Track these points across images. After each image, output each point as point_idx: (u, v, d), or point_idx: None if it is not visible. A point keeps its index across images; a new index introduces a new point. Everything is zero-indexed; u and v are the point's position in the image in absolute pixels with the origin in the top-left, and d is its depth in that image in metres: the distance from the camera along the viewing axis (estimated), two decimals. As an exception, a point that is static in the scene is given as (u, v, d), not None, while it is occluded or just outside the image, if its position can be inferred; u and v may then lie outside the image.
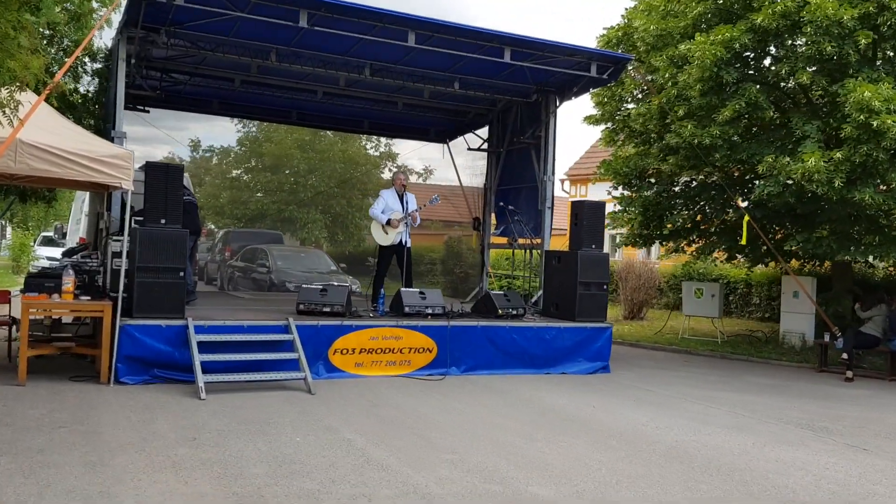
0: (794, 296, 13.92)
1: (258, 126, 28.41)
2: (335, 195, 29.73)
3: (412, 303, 10.24)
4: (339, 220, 30.12)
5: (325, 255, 19.22)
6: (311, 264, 17.87)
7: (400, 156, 31.55)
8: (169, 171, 8.76)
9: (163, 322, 8.58)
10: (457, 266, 22.27)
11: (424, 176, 31.09)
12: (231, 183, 30.17)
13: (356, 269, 21.87)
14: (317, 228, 28.63)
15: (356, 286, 17.11)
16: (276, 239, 24.13)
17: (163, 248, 8.62)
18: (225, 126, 52.62)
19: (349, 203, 30.14)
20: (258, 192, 29.03)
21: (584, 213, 11.00)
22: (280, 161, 28.13)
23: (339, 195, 29.84)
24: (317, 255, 19.01)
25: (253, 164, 29.65)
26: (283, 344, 9.06)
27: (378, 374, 9.65)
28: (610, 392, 9.42)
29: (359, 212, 30.28)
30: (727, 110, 11.19)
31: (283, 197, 28.65)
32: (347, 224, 30.44)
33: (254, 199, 28.43)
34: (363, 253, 29.78)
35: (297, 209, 28.71)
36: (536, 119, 12.84)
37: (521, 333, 10.51)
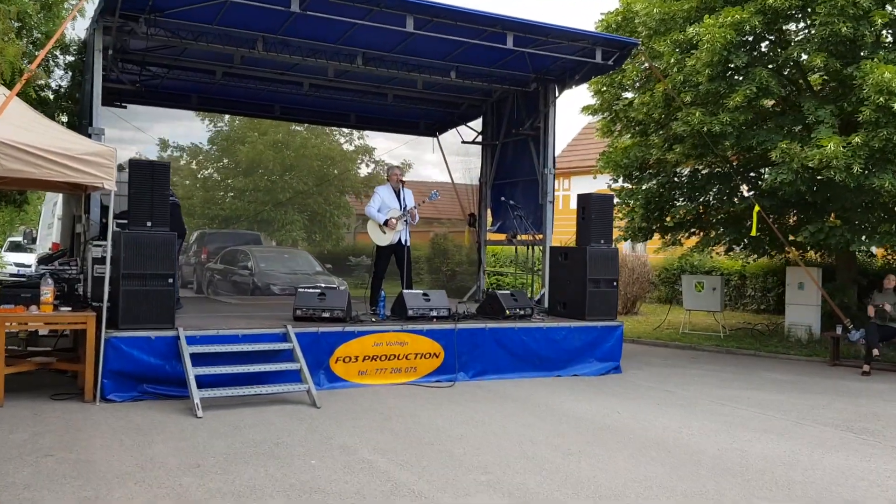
0: (799, 287, 13.53)
1: (230, 125, 27.55)
2: (312, 194, 28.98)
3: (416, 305, 9.65)
4: (316, 218, 29.36)
5: (309, 255, 18.51)
6: (296, 266, 17.16)
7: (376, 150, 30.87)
8: (154, 170, 8.07)
9: (152, 333, 7.91)
10: (444, 264, 21.67)
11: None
12: (203, 183, 29.27)
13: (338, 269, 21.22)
14: (295, 229, 27.85)
15: (344, 287, 16.46)
16: (255, 240, 23.35)
17: (150, 253, 7.94)
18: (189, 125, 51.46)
19: (326, 201, 29.38)
20: (232, 193, 28.16)
21: (591, 206, 10.47)
22: (254, 163, 27.29)
23: (315, 193, 29.09)
24: (301, 255, 18.30)
25: (225, 162, 28.74)
26: (282, 353, 8.43)
27: (383, 382, 9.05)
28: (629, 395, 8.91)
29: (336, 209, 29.58)
30: (738, 95, 10.74)
31: (259, 197, 27.84)
32: (325, 223, 29.67)
33: (228, 200, 27.57)
34: (343, 252, 29.13)
35: (273, 210, 27.91)
36: (534, 109, 12.29)
37: (531, 335, 9.96)
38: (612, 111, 13.72)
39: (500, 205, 13.52)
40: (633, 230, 14.08)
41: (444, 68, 11.26)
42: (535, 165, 12.24)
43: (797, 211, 12.33)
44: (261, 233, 26.13)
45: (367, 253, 29.04)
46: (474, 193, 14.14)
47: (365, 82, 12.28)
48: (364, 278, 25.95)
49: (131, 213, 7.99)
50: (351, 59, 10.72)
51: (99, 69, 9.08)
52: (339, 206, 29.60)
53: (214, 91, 12.80)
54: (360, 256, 27.80)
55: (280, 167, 27.44)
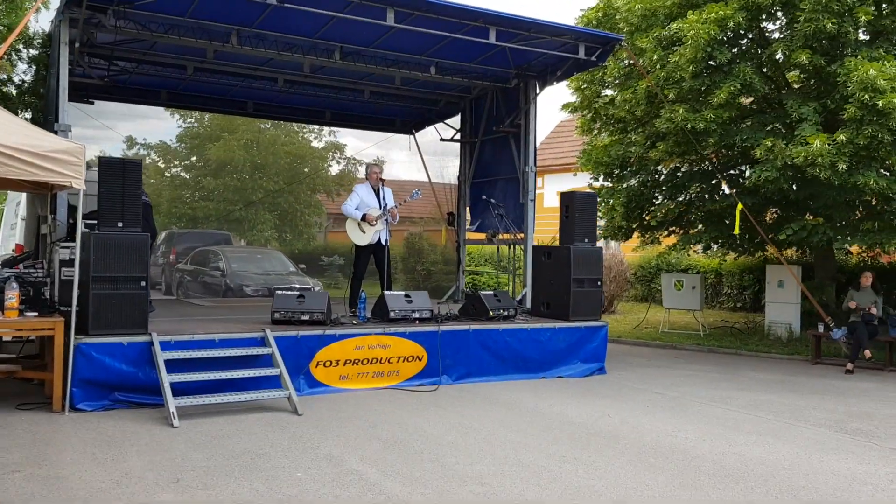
0: (778, 285, 13.48)
1: (199, 123, 26.99)
2: (283, 192, 28.51)
3: (398, 307, 9.38)
4: (287, 218, 28.88)
5: (282, 255, 18.13)
6: (269, 266, 16.80)
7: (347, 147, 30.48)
8: (126, 168, 7.70)
9: (124, 339, 7.56)
10: (418, 264, 21.39)
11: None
12: (171, 182, 28.66)
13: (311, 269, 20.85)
14: (266, 229, 27.35)
15: (319, 288, 16.14)
16: (225, 240, 22.91)
17: (121, 255, 7.58)
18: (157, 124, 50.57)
19: (297, 200, 28.93)
20: (201, 192, 27.58)
21: (575, 204, 10.27)
22: (224, 161, 26.75)
23: (286, 192, 28.63)
24: (274, 255, 17.91)
25: (194, 161, 28.15)
26: (261, 358, 8.11)
27: (365, 386, 8.77)
28: (618, 397, 8.73)
29: (307, 208, 29.14)
30: (722, 92, 10.61)
31: (229, 196, 27.30)
32: (296, 222, 29.22)
33: (197, 200, 26.99)
34: (314, 252, 28.73)
35: (243, 209, 27.40)
36: (514, 106, 12.07)
37: (515, 336, 9.74)
38: (591, 109, 13.54)
39: (479, 203, 13.31)
40: (612, 229, 13.93)
41: (423, 64, 10.99)
42: (516, 163, 12.02)
43: (778, 209, 12.24)
44: (231, 233, 25.66)
45: (339, 252, 28.73)
46: (452, 192, 13.90)
47: (341, 78, 11.97)
48: (337, 278, 25.72)
49: (101, 214, 7.62)
50: (329, 53, 10.42)
51: (65, 63, 8.68)
52: (310, 205, 29.17)
53: (185, 87, 12.42)
54: (333, 256, 27.46)
55: (250, 166, 26.94)
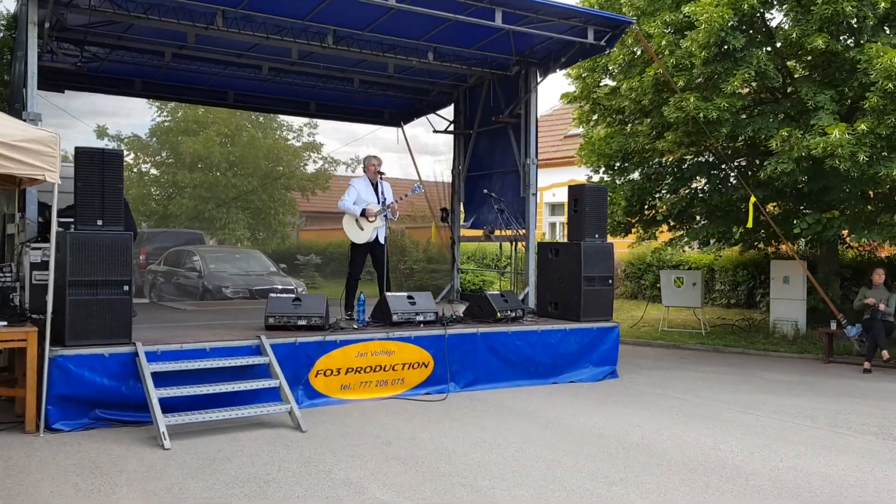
0: (784, 281, 13.02)
1: (172, 117, 25.97)
2: (256, 190, 27.61)
3: (401, 309, 8.70)
4: (260, 216, 27.99)
5: (262, 254, 17.32)
6: (248, 266, 15.98)
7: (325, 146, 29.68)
8: (106, 159, 6.92)
9: (105, 350, 6.80)
10: (401, 262, 20.67)
11: (353, 167, 29.22)
12: (140, 178, 27.60)
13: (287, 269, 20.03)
14: (239, 228, 26.43)
15: (301, 288, 15.39)
16: (198, 239, 21.99)
17: (101, 257, 6.82)
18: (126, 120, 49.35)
19: (271, 198, 28.04)
20: (171, 189, 26.58)
21: (585, 198, 9.67)
22: (198, 157, 25.80)
23: (260, 190, 27.74)
24: (253, 255, 17.08)
25: (165, 156, 27.12)
26: (257, 369, 7.39)
27: (368, 396, 8.09)
28: (640, 404, 8.14)
29: (282, 207, 28.27)
30: (736, 79, 10.08)
31: (201, 193, 26.34)
32: (270, 221, 28.34)
33: (168, 197, 25.99)
34: (289, 251, 27.90)
35: (215, 207, 26.45)
36: (513, 96, 11.45)
37: (525, 339, 9.12)
38: (590, 99, 12.95)
39: (474, 198, 12.69)
40: (612, 225, 13.34)
41: (421, 49, 10.32)
42: (516, 155, 11.41)
43: (791, 202, 11.76)
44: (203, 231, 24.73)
45: (314, 251, 27.95)
46: (445, 189, 13.23)
47: (330, 65, 11.25)
48: (314, 278, 24.93)
49: (79, 210, 6.84)
50: (321, 37, 9.69)
51: (34, 45, 7.88)
52: (284, 204, 28.30)
53: (162, 75, 11.62)
54: (309, 255, 26.67)
55: (225, 163, 26.01)
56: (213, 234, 26.84)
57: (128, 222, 8.53)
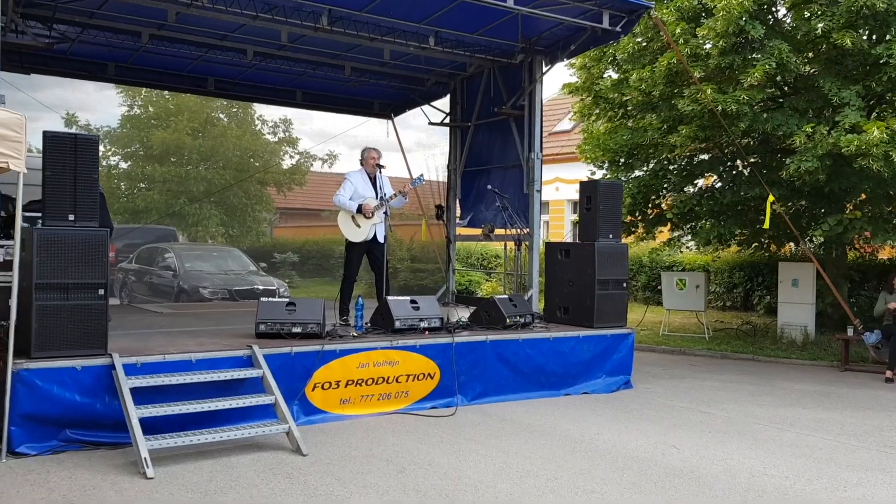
0: (793, 284, 12.45)
1: (143, 108, 24.89)
2: (231, 186, 26.62)
3: (403, 315, 7.96)
4: (235, 213, 27.01)
5: (240, 252, 16.44)
6: (226, 265, 15.12)
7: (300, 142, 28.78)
8: (79, 145, 6.08)
9: (77, 362, 5.98)
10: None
11: (330, 162, 28.35)
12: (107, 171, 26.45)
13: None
14: (212, 224, 25.43)
15: (284, 289, 14.58)
16: (170, 235, 21.06)
17: (74, 257, 6.00)
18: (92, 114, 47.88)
19: (246, 194, 27.07)
20: (141, 183, 25.49)
21: (599, 195, 8.99)
22: (169, 150, 24.78)
23: (235, 185, 26.75)
24: (231, 253, 16.21)
25: (134, 148, 25.99)
26: (248, 383, 6.61)
27: (370, 411, 7.34)
28: (664, 419, 7.47)
29: (258, 203, 27.33)
30: (756, 71, 9.46)
31: (172, 188, 25.29)
32: (245, 217, 27.36)
33: (138, 191, 24.92)
34: (263, 248, 26.95)
35: (187, 203, 25.42)
36: (515, 86, 10.75)
37: (536, 347, 8.42)
38: (591, 91, 12.28)
39: (470, 195, 11.98)
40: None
41: (422, 34, 9.56)
42: (519, 150, 10.69)
43: (807, 201, 11.18)
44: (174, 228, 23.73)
45: (291, 249, 27.05)
46: (440, 186, 12.49)
47: (321, 49, 10.45)
48: (291, 277, 24.04)
49: (47, 203, 6.01)
50: (315, 17, 8.89)
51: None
52: (260, 200, 27.36)
53: (137, 59, 10.74)
54: (286, 253, 25.78)
55: (197, 155, 25.02)
56: (184, 231, 25.84)
57: (103, 217, 7.74)
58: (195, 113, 25.29)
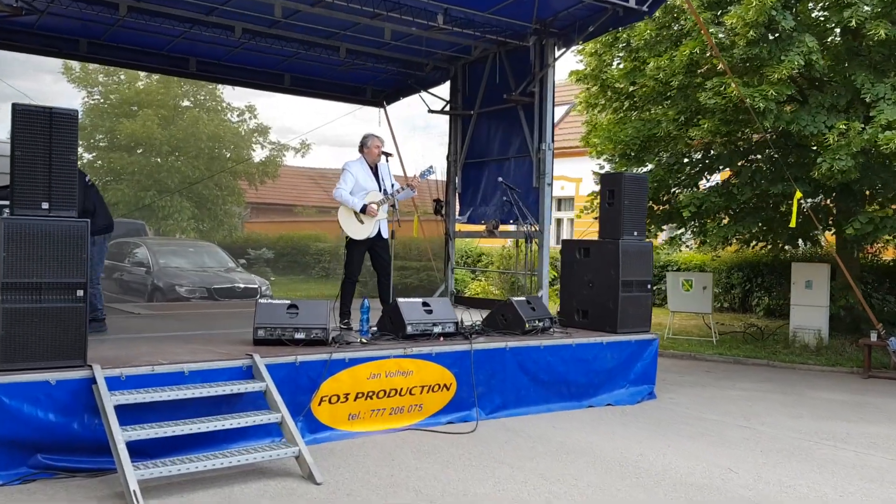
0: (806, 286, 11.88)
1: (103, 97, 23.67)
2: (202, 178, 25.54)
3: (415, 319, 7.17)
4: (206, 206, 25.94)
5: (218, 248, 15.51)
6: (203, 261, 14.19)
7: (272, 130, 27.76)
8: (54, 121, 5.20)
9: (51, 376, 5.11)
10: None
11: (303, 151, 27.33)
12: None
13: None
14: (183, 218, 24.33)
15: (266, 287, 13.69)
16: (139, 230, 19.93)
17: (48, 252, 5.13)
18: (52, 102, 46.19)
19: (218, 186, 26.00)
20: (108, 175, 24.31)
21: (624, 188, 8.27)
22: (137, 140, 23.62)
23: (206, 177, 25.67)
24: (208, 248, 15.27)
25: (97, 139, 24.78)
26: (248, 397, 5.78)
27: (381, 427, 6.56)
28: (707, 436, 6.79)
29: (230, 196, 26.29)
30: (783, 67, 8.83)
31: (140, 180, 24.15)
32: (216, 211, 26.30)
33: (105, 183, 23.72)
34: (236, 243, 25.93)
35: (157, 195, 24.30)
36: (524, 72, 10.01)
37: (558, 354, 7.69)
38: (599, 80, 11.58)
39: (469, 188, 11.22)
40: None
41: (430, 11, 8.74)
42: (528, 140, 9.97)
43: (835, 200, 10.58)
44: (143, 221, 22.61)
45: (265, 244, 26.07)
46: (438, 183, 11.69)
47: (316, 27, 9.61)
48: (266, 273, 23.05)
49: (17, 190, 5.12)
50: (313, -10, 8.06)
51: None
52: (232, 192, 26.32)
53: (112, 35, 9.82)
54: (261, 249, 24.83)
55: (167, 146, 23.91)
56: (154, 225, 24.71)
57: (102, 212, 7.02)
58: (163, 101, 24.22)
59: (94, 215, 6.72)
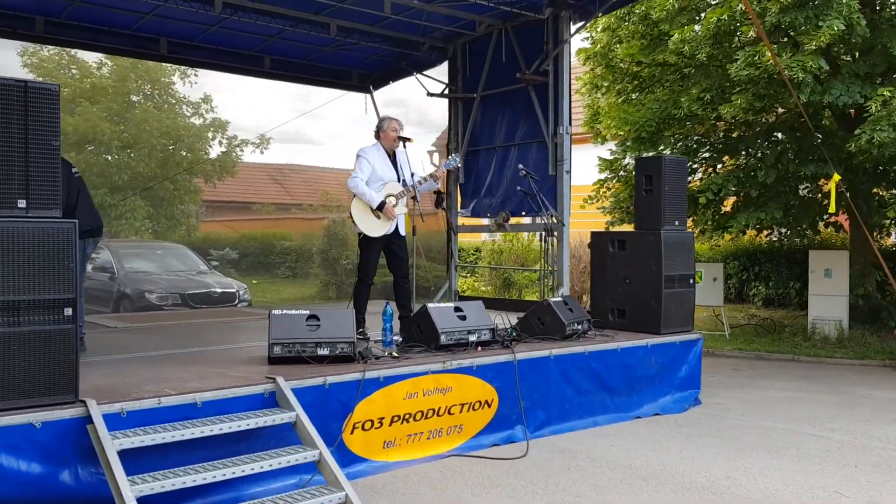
0: (825, 275, 11.26)
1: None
2: (156, 175, 24.15)
3: (450, 327, 6.25)
4: (162, 205, 24.57)
5: (187, 249, 14.35)
6: (173, 264, 13.05)
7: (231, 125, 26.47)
8: (31, 97, 4.15)
9: (35, 416, 4.09)
10: (342, 256, 17.93)
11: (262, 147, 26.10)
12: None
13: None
14: (138, 218, 22.95)
15: (244, 290, 12.61)
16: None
17: (27, 262, 4.09)
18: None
19: (174, 184, 24.63)
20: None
21: (664, 172, 7.46)
22: (85, 137, 22.16)
23: (160, 175, 24.29)
24: (176, 250, 14.11)
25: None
26: (275, 431, 4.81)
27: (419, 455, 5.65)
28: (784, 450, 6.02)
29: (187, 194, 24.94)
30: (822, 34, 8.11)
31: (90, 179, 22.66)
32: (173, 211, 24.94)
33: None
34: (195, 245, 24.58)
35: (109, 194, 22.86)
36: (533, 50, 9.14)
37: (602, 361, 6.87)
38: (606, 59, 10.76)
39: (472, 179, 10.33)
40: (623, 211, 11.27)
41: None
42: (542, 124, 9.10)
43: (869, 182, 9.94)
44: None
45: (227, 244, 24.80)
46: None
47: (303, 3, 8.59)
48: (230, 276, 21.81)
49: (-15, 184, 4.07)
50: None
51: None
52: (189, 190, 24.96)
53: (74, 13, 8.66)
54: (224, 249, 23.56)
55: (118, 142, 22.48)
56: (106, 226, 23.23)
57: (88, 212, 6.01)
58: (112, 96, 22.83)
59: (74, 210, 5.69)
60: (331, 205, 26.63)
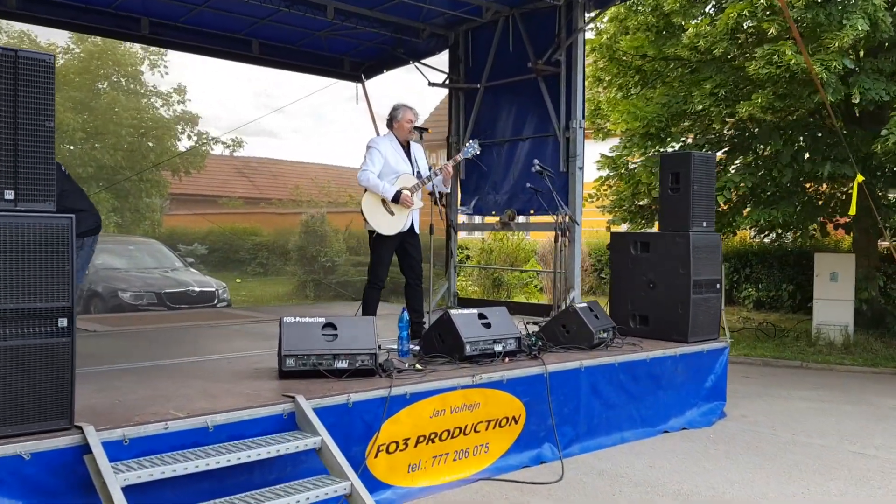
0: (831, 279, 10.94)
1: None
2: (121, 168, 23.24)
3: (474, 336, 5.69)
4: (128, 198, 23.66)
5: (161, 245, 13.58)
6: (146, 261, 12.30)
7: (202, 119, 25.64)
8: (21, 69, 3.50)
9: (24, 447, 3.46)
10: (321, 254, 17.24)
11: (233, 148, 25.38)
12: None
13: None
14: (102, 212, 21.98)
15: (223, 289, 11.92)
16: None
17: (13, 264, 3.46)
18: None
19: (140, 177, 23.72)
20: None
21: (693, 170, 6.99)
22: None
23: (125, 167, 23.39)
24: (150, 245, 13.34)
25: (5, 125, 22.20)
26: (287, 459, 4.22)
27: (445, 479, 5.10)
28: (830, 470, 5.60)
29: (154, 187, 24.06)
30: (846, 34, 7.74)
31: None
32: (139, 204, 24.03)
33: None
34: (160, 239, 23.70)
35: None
36: (544, 39, 8.65)
37: (631, 372, 6.38)
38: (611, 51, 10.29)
39: (473, 175, 9.80)
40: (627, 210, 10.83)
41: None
42: (553, 117, 8.60)
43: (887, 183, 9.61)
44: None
45: (195, 239, 23.97)
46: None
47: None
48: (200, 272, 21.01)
49: (-34, 171, 3.43)
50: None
51: None
52: (156, 184, 24.08)
53: (47, -14, 7.92)
54: (193, 244, 22.71)
55: (82, 132, 21.55)
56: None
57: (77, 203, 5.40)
58: (77, 84, 21.90)
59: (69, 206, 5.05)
60: (301, 199, 26.00)
